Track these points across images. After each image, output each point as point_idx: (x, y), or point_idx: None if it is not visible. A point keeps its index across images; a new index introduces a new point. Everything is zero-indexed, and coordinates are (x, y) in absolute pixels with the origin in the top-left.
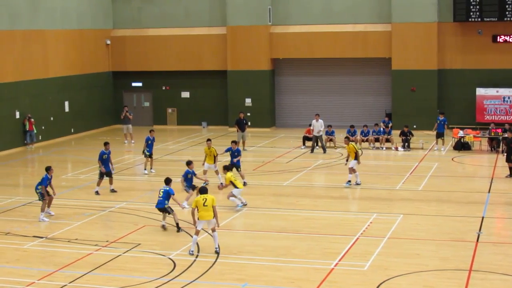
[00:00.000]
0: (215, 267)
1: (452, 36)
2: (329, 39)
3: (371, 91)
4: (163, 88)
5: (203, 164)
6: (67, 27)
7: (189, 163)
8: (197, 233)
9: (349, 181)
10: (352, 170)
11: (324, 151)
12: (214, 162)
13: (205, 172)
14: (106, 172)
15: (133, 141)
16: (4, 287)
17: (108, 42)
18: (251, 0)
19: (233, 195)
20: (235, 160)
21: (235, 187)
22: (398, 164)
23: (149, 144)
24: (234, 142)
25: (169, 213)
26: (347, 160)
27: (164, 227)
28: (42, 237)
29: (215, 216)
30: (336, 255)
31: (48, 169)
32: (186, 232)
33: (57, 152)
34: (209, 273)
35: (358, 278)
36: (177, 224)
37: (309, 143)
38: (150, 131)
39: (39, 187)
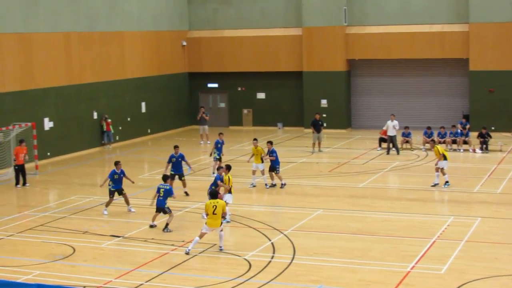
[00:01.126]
0: (291, 268)
1: None
2: (406, 40)
3: (448, 92)
4: (239, 89)
5: (248, 161)
6: (144, 29)
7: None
8: (201, 235)
9: (447, 181)
10: (441, 171)
11: (398, 152)
12: (262, 161)
13: (253, 172)
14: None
15: (208, 142)
16: (82, 285)
17: (184, 43)
18: (327, 1)
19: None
20: (268, 159)
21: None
22: (476, 167)
23: (218, 148)
24: (269, 142)
25: (166, 213)
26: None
27: (152, 226)
28: (119, 236)
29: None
30: (413, 257)
31: (116, 163)
32: (261, 232)
33: (134, 153)
34: (285, 274)
35: (434, 282)
36: (167, 224)
37: (385, 145)
38: (219, 134)
39: (110, 182)
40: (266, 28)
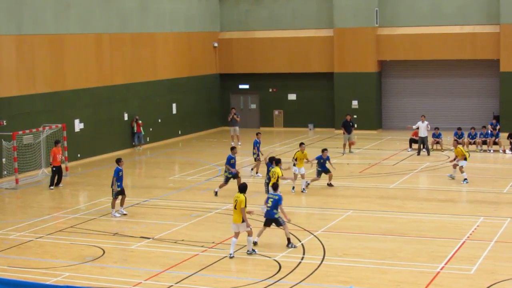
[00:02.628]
0: (321, 269)
1: None
2: (437, 41)
3: (479, 93)
4: (270, 90)
5: (293, 165)
6: (175, 30)
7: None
8: (235, 235)
9: (466, 178)
10: (460, 169)
11: (428, 153)
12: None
13: (295, 176)
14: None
15: (239, 143)
16: (112, 287)
17: (216, 44)
18: (358, 2)
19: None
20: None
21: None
22: (506, 167)
23: (258, 148)
24: (325, 150)
25: (279, 225)
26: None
27: (255, 244)
28: (149, 238)
29: (243, 219)
30: (443, 258)
31: (120, 160)
32: (291, 234)
33: (165, 154)
34: (315, 275)
35: (464, 282)
36: (288, 239)
37: (415, 146)
38: (257, 134)
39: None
40: (298, 29)
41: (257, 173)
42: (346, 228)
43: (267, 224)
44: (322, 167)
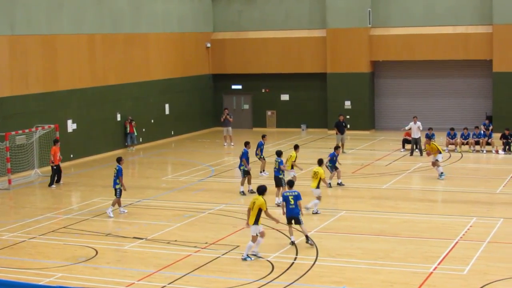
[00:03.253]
0: (314, 269)
1: None
2: (430, 41)
3: (472, 94)
4: (263, 90)
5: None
6: (168, 31)
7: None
8: (253, 239)
9: (442, 172)
10: (436, 163)
11: (421, 154)
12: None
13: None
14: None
15: (232, 144)
16: (105, 287)
17: (209, 45)
18: (351, 3)
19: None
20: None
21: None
22: (499, 168)
23: (261, 149)
24: (337, 147)
25: (298, 223)
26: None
27: (293, 243)
28: (142, 238)
29: (268, 216)
30: (435, 258)
31: (121, 159)
32: (284, 234)
33: (158, 154)
34: (308, 276)
35: (457, 282)
36: (307, 236)
37: (408, 146)
38: (263, 137)
39: (117, 180)
40: (290, 30)
41: (263, 171)
42: (339, 228)
43: (290, 222)
44: (333, 162)
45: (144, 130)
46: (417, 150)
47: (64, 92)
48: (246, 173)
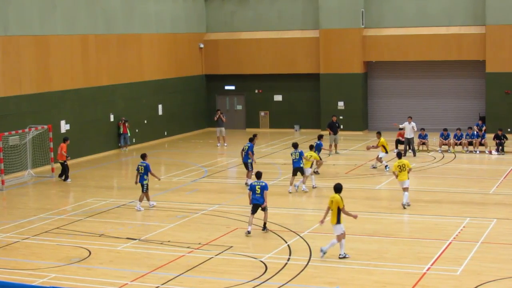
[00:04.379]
0: (307, 270)
1: None
2: (423, 42)
3: (465, 94)
4: (256, 91)
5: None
6: (161, 31)
7: (253, 137)
8: (338, 238)
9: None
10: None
11: (414, 154)
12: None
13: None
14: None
15: (225, 144)
16: None
17: (202, 45)
18: (344, 3)
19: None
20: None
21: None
22: (492, 168)
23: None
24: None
25: (264, 210)
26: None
27: (249, 233)
28: (135, 239)
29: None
30: (429, 259)
31: (145, 155)
32: (277, 235)
33: (151, 155)
34: (301, 276)
35: (450, 283)
36: (265, 223)
37: (401, 147)
38: (251, 139)
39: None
40: (284, 30)
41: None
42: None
43: (255, 211)
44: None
45: (137, 130)
46: (410, 150)
47: (57, 93)
48: (247, 167)
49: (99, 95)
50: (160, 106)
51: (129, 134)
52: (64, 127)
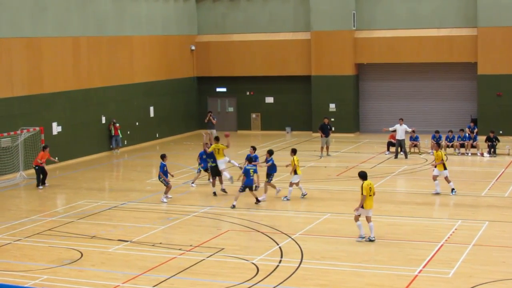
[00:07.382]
0: (298, 272)
1: None
2: (414, 44)
3: (456, 96)
4: (247, 93)
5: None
6: (152, 33)
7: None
8: (368, 219)
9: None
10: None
11: (406, 156)
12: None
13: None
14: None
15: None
16: None
17: (193, 47)
18: (336, 5)
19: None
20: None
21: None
22: (484, 170)
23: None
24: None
25: (255, 190)
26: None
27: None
28: (127, 241)
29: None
30: (420, 261)
31: (162, 156)
32: (269, 237)
33: (142, 157)
34: (292, 278)
35: (442, 286)
36: (257, 198)
37: (393, 149)
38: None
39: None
40: (275, 33)
41: (193, 183)
42: (324, 231)
43: (244, 190)
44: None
45: (128, 132)
46: (401, 152)
47: (49, 95)
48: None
49: (90, 97)
50: (151, 108)
51: (120, 136)
52: (56, 129)
